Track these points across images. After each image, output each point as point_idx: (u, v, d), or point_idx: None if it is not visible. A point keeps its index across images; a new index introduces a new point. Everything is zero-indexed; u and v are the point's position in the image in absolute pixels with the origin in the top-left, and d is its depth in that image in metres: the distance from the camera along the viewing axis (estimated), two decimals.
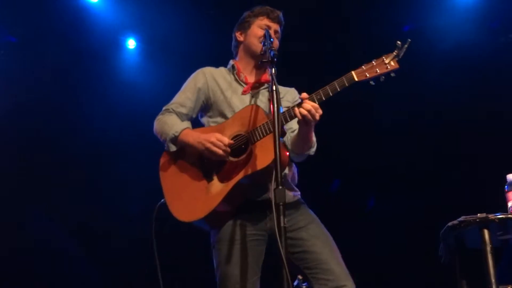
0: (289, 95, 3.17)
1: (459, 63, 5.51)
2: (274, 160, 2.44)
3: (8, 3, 5.40)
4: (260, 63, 2.90)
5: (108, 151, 5.77)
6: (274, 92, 2.53)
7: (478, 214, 2.91)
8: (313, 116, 2.70)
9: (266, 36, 2.88)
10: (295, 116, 2.74)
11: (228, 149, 2.84)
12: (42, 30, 5.63)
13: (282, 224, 2.33)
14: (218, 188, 2.85)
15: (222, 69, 3.23)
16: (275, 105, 2.51)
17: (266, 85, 3.10)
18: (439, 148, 5.74)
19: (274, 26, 3.15)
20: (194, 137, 2.92)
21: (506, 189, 3.11)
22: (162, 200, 3.01)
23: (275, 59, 2.69)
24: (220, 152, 2.82)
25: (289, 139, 2.99)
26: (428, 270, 4.97)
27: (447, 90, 5.58)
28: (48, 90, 5.68)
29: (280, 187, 2.38)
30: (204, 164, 2.93)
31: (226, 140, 2.84)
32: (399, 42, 2.68)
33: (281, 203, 2.36)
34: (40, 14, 5.55)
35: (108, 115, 5.74)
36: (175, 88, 3.23)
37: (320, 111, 2.72)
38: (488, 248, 2.88)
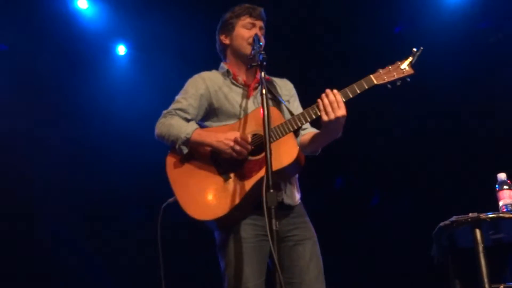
0: (284, 88, 3.18)
1: (449, 64, 5.51)
2: (269, 164, 2.43)
3: None
4: (249, 67, 2.88)
5: (100, 153, 5.75)
6: (264, 95, 2.55)
7: (470, 214, 2.94)
8: (334, 109, 2.70)
9: (255, 41, 2.87)
10: (318, 110, 2.74)
11: (250, 147, 2.82)
12: (32, 37, 5.61)
13: (274, 228, 2.33)
14: (237, 186, 2.81)
15: (215, 72, 3.18)
16: (265, 108, 2.52)
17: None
18: (429, 149, 5.75)
19: (259, 23, 3.12)
20: (211, 136, 2.87)
21: (497, 188, 3.14)
22: (166, 203, 2.95)
23: (264, 63, 2.68)
24: (244, 151, 2.80)
25: (301, 135, 3.00)
26: (421, 270, 4.98)
27: (438, 91, 5.59)
28: (39, 97, 5.67)
29: (271, 190, 2.38)
30: (219, 162, 2.89)
31: (248, 138, 2.83)
32: (414, 49, 2.78)
33: (272, 207, 2.35)
34: (30, 22, 5.54)
35: (99, 121, 5.73)
36: (165, 93, 3.21)
37: (343, 111, 2.71)
38: (480, 248, 2.90)
